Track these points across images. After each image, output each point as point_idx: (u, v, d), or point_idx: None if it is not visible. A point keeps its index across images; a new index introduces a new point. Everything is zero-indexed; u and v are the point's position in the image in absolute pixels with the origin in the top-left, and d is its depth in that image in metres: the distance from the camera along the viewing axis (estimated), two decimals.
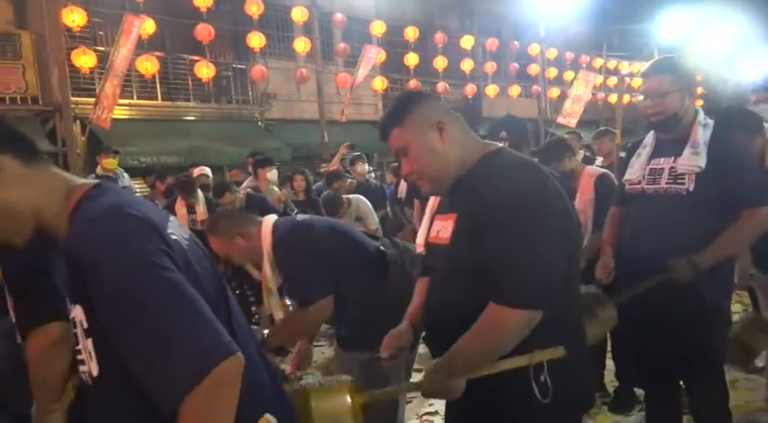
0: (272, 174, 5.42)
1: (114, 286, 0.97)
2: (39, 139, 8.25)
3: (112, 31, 9.49)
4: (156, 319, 0.96)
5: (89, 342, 1.03)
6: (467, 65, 13.83)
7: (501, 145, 1.57)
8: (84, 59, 8.22)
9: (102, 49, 9.11)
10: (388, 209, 6.25)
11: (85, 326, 1.03)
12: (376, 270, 2.21)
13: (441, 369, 1.40)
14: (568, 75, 15.90)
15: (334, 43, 12.53)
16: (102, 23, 10.10)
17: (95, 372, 1.04)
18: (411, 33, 12.47)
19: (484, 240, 1.35)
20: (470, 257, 1.38)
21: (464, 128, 1.53)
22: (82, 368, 1.08)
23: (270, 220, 2.27)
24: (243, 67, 11.80)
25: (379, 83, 12.26)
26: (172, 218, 1.17)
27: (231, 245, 2.23)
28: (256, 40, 9.89)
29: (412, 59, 12.56)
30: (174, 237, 1.08)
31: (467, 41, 13.73)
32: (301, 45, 10.72)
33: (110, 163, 6.81)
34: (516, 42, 15.86)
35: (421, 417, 3.45)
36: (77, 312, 1.04)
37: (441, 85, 13.44)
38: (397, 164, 7.20)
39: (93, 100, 8.26)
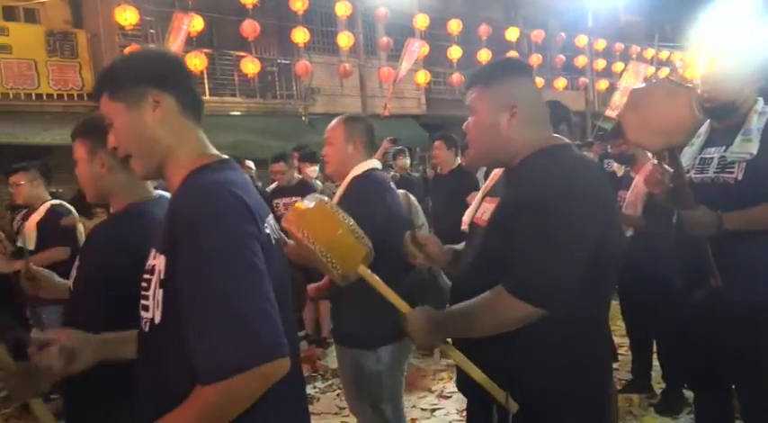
0: (313, 170, 5.49)
1: (203, 253, 1.02)
2: None
3: (163, 29, 9.77)
4: (230, 296, 1.00)
5: (160, 292, 1.09)
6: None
7: (567, 142, 1.53)
8: None
9: (152, 46, 9.38)
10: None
11: (162, 277, 1.09)
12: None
13: (434, 321, 1.45)
14: (617, 66, 15.43)
15: (377, 37, 12.53)
16: (152, 22, 10.40)
17: (157, 320, 1.10)
18: (454, 26, 12.35)
19: (514, 230, 1.35)
20: (500, 244, 1.38)
21: (538, 120, 1.49)
22: (144, 314, 1.14)
23: None
24: (287, 62, 11.95)
25: (422, 76, 12.20)
26: (270, 216, 1.22)
27: None
28: (300, 35, 9.99)
29: (455, 53, 12.44)
30: (267, 231, 1.14)
31: (512, 33, 13.50)
32: (345, 39, 10.77)
33: None
34: (563, 33, 15.48)
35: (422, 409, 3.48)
36: (159, 262, 1.10)
37: None
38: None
39: None
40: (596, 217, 1.35)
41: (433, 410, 3.50)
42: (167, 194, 1.81)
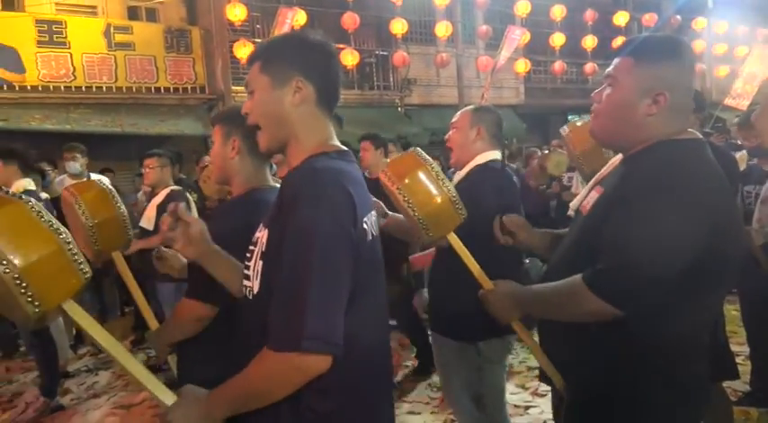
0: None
1: (298, 230, 1.07)
2: (205, 125, 9.15)
3: (268, 24, 10.20)
4: (307, 281, 1.05)
5: (260, 264, 1.17)
6: (620, 43, 12.83)
7: (700, 137, 1.38)
8: (244, 51, 8.94)
9: (259, 40, 9.82)
10: None
11: (263, 249, 1.16)
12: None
13: (516, 296, 1.49)
14: (740, 50, 14.11)
15: (476, 26, 12.30)
16: (259, 17, 10.87)
17: (256, 289, 1.18)
18: (558, 12, 11.85)
19: (607, 221, 1.28)
20: (593, 235, 1.32)
21: (680, 111, 1.35)
22: (246, 283, 1.22)
23: None
24: (385, 53, 12.05)
25: (522, 65, 11.85)
26: (372, 212, 1.26)
27: None
28: (399, 26, 10.03)
29: (558, 40, 11.96)
30: (365, 226, 1.17)
31: (620, 18, 12.75)
32: (442, 29, 10.68)
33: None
34: (678, 17, 14.39)
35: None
36: (263, 235, 1.18)
37: (589, 66, 12.65)
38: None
39: None
40: (703, 225, 1.21)
41: (527, 408, 3.43)
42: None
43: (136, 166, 5.70)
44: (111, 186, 2.12)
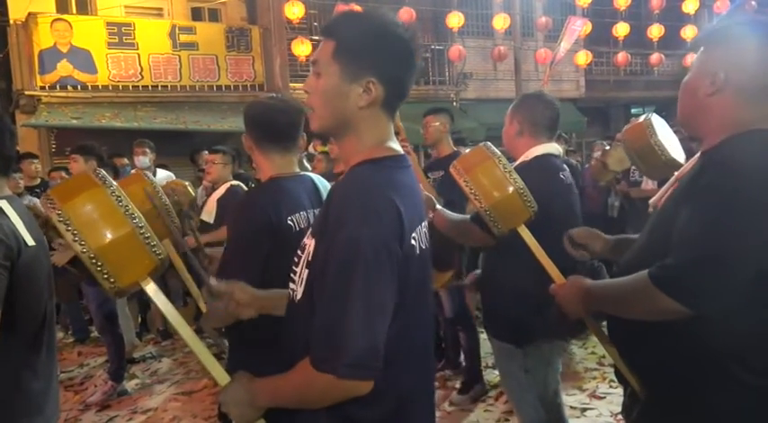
0: None
1: (341, 248, 1.04)
2: None
3: (324, 21, 10.32)
4: (349, 303, 1.02)
5: (306, 272, 1.15)
6: (688, 32, 12.22)
7: None
8: (302, 48, 9.10)
9: (316, 38, 9.95)
10: None
11: (309, 258, 1.14)
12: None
13: (586, 292, 1.42)
14: None
15: (535, 17, 12.01)
16: (316, 14, 11.02)
17: (299, 296, 1.17)
18: (622, 1, 11.40)
19: (678, 215, 1.22)
20: (665, 230, 1.26)
21: (754, 96, 1.26)
22: (291, 286, 1.21)
23: None
24: (441, 47, 11.96)
25: (583, 57, 11.49)
26: (424, 223, 1.21)
27: None
28: (455, 19, 9.94)
29: (621, 29, 11.50)
30: (412, 242, 1.12)
31: (689, 5, 12.12)
32: (500, 22, 10.49)
33: (320, 147, 7.48)
34: (753, 2, 13.55)
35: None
36: (310, 243, 1.15)
37: (655, 57, 12.11)
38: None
39: None
40: None
41: (584, 410, 3.33)
42: (310, 174, 1.98)
43: (194, 162, 5.92)
44: (157, 181, 2.25)
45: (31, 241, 1.61)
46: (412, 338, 1.17)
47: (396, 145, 1.21)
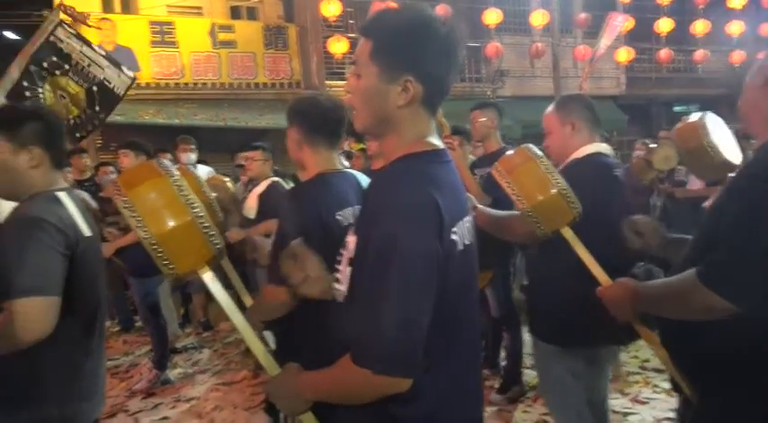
0: None
1: (378, 244, 1.04)
2: None
3: (362, 18, 10.35)
4: (386, 300, 1.02)
5: (348, 269, 1.15)
6: (735, 28, 11.83)
7: None
8: (338, 46, 9.16)
9: (352, 35, 10.00)
10: None
11: (351, 255, 1.14)
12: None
13: (633, 293, 1.44)
14: None
15: (574, 13, 11.81)
16: (352, 12, 11.07)
17: (343, 293, 1.18)
18: None
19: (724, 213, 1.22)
20: (712, 228, 1.27)
21: None
22: (336, 285, 1.22)
23: None
24: (477, 45, 11.87)
25: (624, 54, 11.24)
26: (466, 218, 1.19)
27: None
28: (493, 16, 9.84)
29: (665, 25, 11.19)
30: (453, 237, 1.10)
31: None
32: (538, 18, 10.35)
33: (356, 145, 7.52)
34: None
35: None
36: (351, 240, 1.15)
37: (699, 53, 11.75)
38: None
39: (343, 83, 9.16)
40: None
41: (626, 414, 3.28)
42: (353, 171, 2.00)
43: (231, 159, 6.03)
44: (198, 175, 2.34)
45: (87, 232, 1.69)
46: (454, 337, 1.16)
47: (436, 140, 1.20)
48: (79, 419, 1.68)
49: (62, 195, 1.68)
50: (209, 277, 1.31)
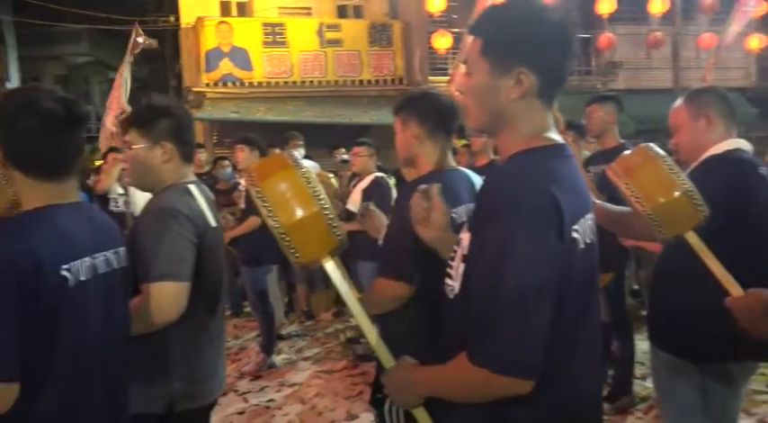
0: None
1: (495, 241, 1.02)
2: None
3: (464, 13, 10.23)
4: (504, 299, 1.00)
5: (461, 266, 1.13)
6: None
7: None
8: (442, 41, 9.13)
9: (456, 30, 9.92)
10: None
11: (465, 252, 1.12)
12: None
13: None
14: None
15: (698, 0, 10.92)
16: (456, 7, 10.98)
17: (456, 290, 1.15)
18: None
19: None
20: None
21: None
22: (448, 282, 1.19)
23: None
24: (588, 36, 11.31)
25: (755, 42, 10.22)
26: (588, 215, 1.15)
27: None
28: (606, 5, 9.33)
29: None
30: (574, 235, 1.07)
31: None
32: (657, 5, 9.67)
33: (459, 142, 7.46)
34: None
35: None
36: (465, 237, 1.13)
37: None
38: None
39: (446, 79, 9.11)
40: None
41: None
42: (463, 169, 1.96)
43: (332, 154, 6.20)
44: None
45: (213, 223, 1.81)
46: (575, 339, 1.11)
47: (555, 134, 1.16)
48: (203, 396, 1.80)
49: (193, 187, 1.80)
50: (331, 266, 1.36)
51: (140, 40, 7.05)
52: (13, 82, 15.25)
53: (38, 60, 17.86)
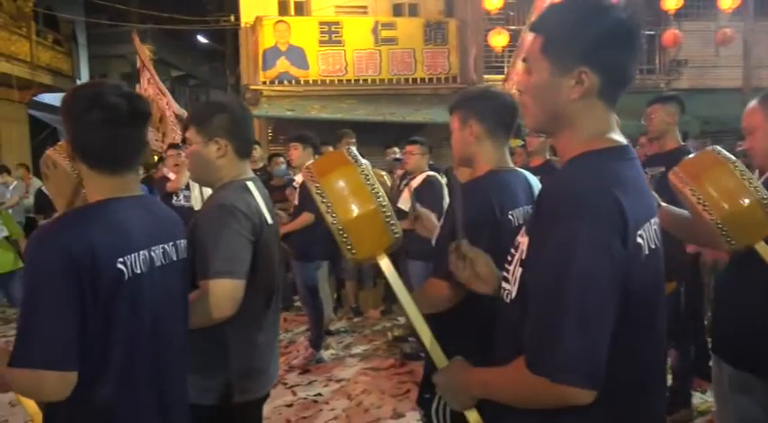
0: None
1: (555, 245, 0.99)
2: None
3: (521, 10, 10.04)
4: (564, 306, 0.97)
5: (519, 270, 1.11)
6: None
7: None
8: (499, 39, 8.99)
9: (514, 27, 9.74)
10: None
11: (523, 257, 1.09)
12: None
13: None
14: None
15: None
16: (513, 4, 10.78)
17: (513, 295, 1.13)
18: None
19: None
20: None
21: None
22: (504, 285, 1.18)
23: None
24: (651, 33, 10.87)
25: None
26: (653, 220, 1.11)
27: None
28: (673, 1, 8.95)
29: None
30: (639, 240, 1.03)
31: None
32: (728, 1, 9.20)
33: (515, 141, 7.33)
34: None
35: None
36: (524, 242, 1.11)
37: None
38: None
39: (501, 77, 8.96)
40: None
41: None
42: (521, 170, 1.90)
43: (384, 152, 6.21)
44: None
45: (269, 220, 1.84)
46: (638, 350, 1.07)
47: (618, 135, 1.12)
48: (256, 389, 1.84)
49: (251, 184, 1.83)
50: (386, 264, 1.36)
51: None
52: (84, 79, 16.03)
53: (106, 58, 18.70)
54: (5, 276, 5.25)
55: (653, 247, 1.07)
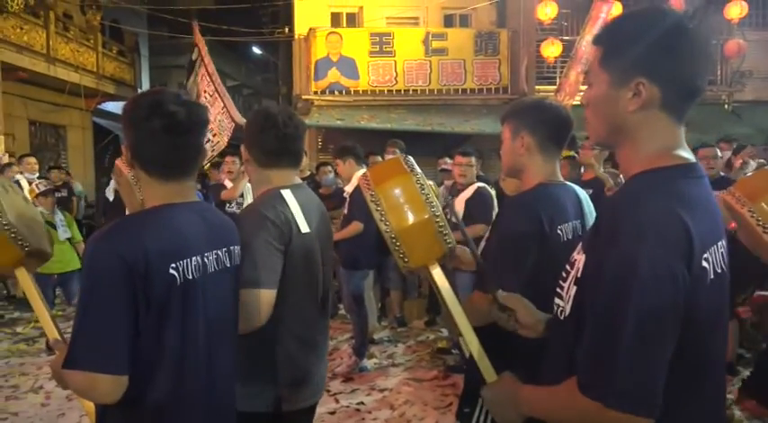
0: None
1: (614, 267, 0.96)
2: None
3: (575, 20, 9.86)
4: (622, 330, 0.94)
5: (573, 289, 1.08)
6: None
7: None
8: (551, 50, 8.84)
9: (567, 38, 9.58)
10: None
11: (579, 275, 1.06)
12: None
13: None
14: None
15: None
16: (567, 14, 10.60)
17: (567, 312, 1.10)
18: None
19: None
20: None
21: None
22: (558, 301, 1.15)
23: None
24: (714, 42, 10.47)
25: None
26: (720, 242, 1.06)
27: None
28: (737, 9, 8.60)
29: None
30: (704, 264, 0.98)
31: None
32: None
33: (565, 152, 7.19)
34: None
35: None
36: (580, 259, 1.08)
37: None
38: None
39: (553, 88, 8.82)
40: None
41: None
42: (571, 184, 1.85)
43: (435, 163, 6.19)
44: None
45: (305, 228, 1.77)
46: (698, 376, 1.02)
47: (686, 152, 1.07)
48: (305, 398, 1.84)
49: (286, 192, 1.78)
50: (438, 273, 1.36)
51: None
52: (145, 88, 16.74)
53: (166, 69, 19.47)
54: (66, 275, 5.49)
55: (719, 271, 1.02)
